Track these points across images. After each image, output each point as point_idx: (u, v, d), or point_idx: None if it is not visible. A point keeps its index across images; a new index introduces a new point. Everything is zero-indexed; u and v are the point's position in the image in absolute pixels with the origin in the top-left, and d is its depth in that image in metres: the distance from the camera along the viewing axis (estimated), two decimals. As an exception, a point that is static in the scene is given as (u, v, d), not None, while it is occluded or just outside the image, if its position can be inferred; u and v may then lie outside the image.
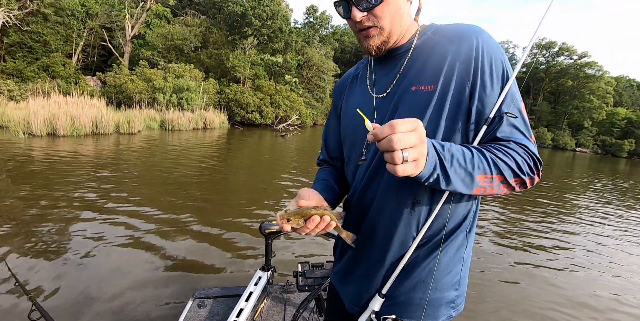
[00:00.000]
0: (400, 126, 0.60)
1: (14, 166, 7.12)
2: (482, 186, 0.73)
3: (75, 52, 22.62)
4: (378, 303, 0.89)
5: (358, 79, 1.01)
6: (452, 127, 0.80)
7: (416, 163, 0.63)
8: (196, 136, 15.16)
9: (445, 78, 0.79)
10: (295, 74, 28.14)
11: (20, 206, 5.00)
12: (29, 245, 3.84)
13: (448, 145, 0.71)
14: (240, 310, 1.92)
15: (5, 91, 15.86)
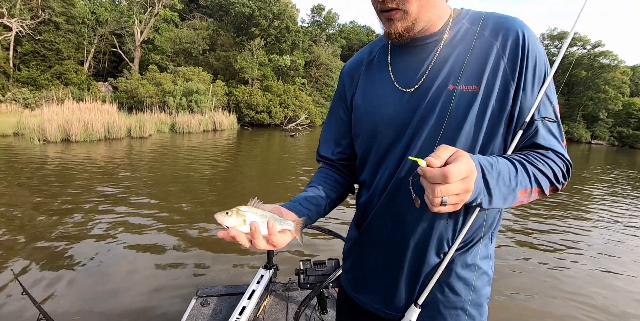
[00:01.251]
0: (453, 178, 0.55)
1: (30, 172, 7.27)
2: (520, 200, 0.70)
3: (87, 59, 23.08)
4: (415, 314, 0.83)
5: (374, 66, 0.88)
6: (494, 132, 0.74)
7: (454, 206, 0.60)
8: (206, 138, 15.30)
9: (489, 78, 0.72)
10: (303, 73, 28.17)
11: (34, 210, 5.10)
12: (38, 247, 3.91)
13: (495, 162, 0.66)
14: (243, 307, 1.91)
15: (21, 99, 16.28)
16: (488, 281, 0.88)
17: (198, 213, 5.31)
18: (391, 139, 0.81)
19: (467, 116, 0.72)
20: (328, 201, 0.92)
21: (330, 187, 0.95)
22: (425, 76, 0.77)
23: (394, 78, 0.82)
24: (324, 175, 0.99)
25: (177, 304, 2.89)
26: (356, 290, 0.97)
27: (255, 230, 0.63)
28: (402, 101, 0.79)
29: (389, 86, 0.82)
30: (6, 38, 18.75)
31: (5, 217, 4.81)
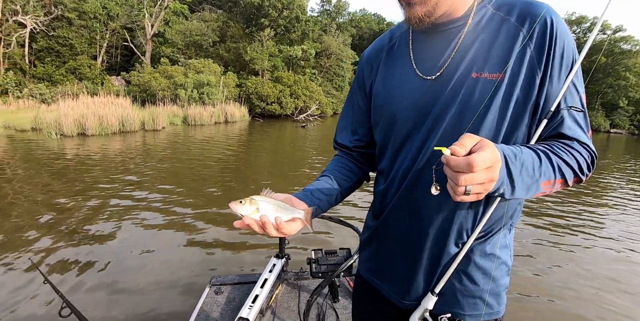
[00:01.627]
0: (478, 167, 0.54)
1: (49, 165, 7.47)
2: (543, 190, 0.68)
3: (100, 54, 23.36)
4: (432, 302, 0.84)
5: (394, 52, 0.86)
6: (518, 122, 0.72)
7: (477, 196, 0.59)
8: (218, 130, 15.41)
9: (514, 66, 0.69)
10: (313, 64, 27.95)
11: (55, 198, 5.24)
12: (58, 235, 4.02)
13: (519, 152, 0.64)
14: (256, 296, 1.94)
15: (37, 94, 16.63)
16: (507, 272, 0.87)
17: (211, 204, 5.38)
18: (410, 127, 0.79)
19: (491, 105, 0.70)
20: (340, 191, 0.93)
21: (343, 176, 0.96)
22: (448, 63, 0.75)
23: (415, 65, 0.80)
24: (338, 164, 1.00)
25: (191, 292, 2.96)
26: (375, 278, 0.97)
27: (266, 220, 0.67)
28: (423, 88, 0.77)
29: (409, 73, 0.81)
30: (21, 35, 19.08)
31: (27, 206, 4.96)
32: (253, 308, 1.86)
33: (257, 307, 1.88)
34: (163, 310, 2.74)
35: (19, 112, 13.89)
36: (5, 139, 10.42)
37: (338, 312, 2.03)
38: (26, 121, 12.31)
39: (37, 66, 19.50)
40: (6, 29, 18.31)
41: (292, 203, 0.75)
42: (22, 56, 19.23)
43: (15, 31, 18.72)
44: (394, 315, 0.96)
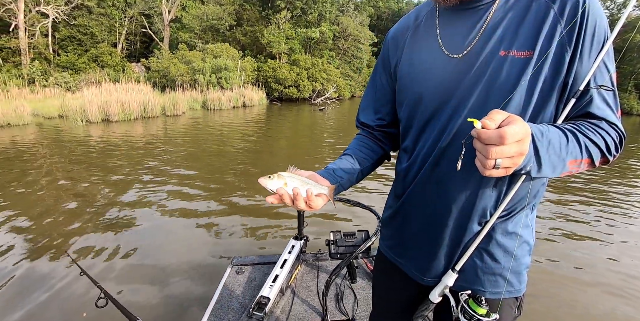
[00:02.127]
0: (510, 139, 0.54)
1: (77, 150, 7.72)
2: (569, 170, 0.67)
3: (120, 41, 23.65)
4: (452, 279, 0.85)
5: (420, 31, 0.85)
6: (546, 100, 0.70)
7: (506, 170, 0.59)
8: (237, 114, 15.49)
9: (544, 43, 0.67)
10: (331, 46, 27.43)
11: (81, 185, 5.43)
12: (85, 218, 4.17)
13: (546, 130, 0.63)
14: (276, 276, 1.99)
15: (62, 82, 17.08)
16: (529, 251, 0.87)
17: (231, 187, 5.45)
18: (436, 106, 0.79)
19: (518, 84, 0.68)
20: (361, 169, 0.95)
21: (364, 155, 0.98)
22: (476, 41, 0.73)
23: (442, 44, 0.79)
24: (360, 143, 1.01)
25: (213, 272, 3.03)
26: (397, 255, 0.99)
27: (298, 193, 0.71)
28: (449, 67, 0.76)
29: (436, 52, 0.79)
30: (44, 25, 19.45)
31: (56, 191, 5.17)
32: (273, 287, 1.91)
33: (277, 286, 1.92)
34: (187, 290, 2.82)
35: (46, 100, 14.33)
36: (35, 127, 10.82)
37: (356, 292, 2.06)
38: (53, 108, 12.71)
39: (61, 55, 19.95)
40: (30, 19, 18.71)
41: (315, 180, 0.77)
42: (46, 45, 19.69)
43: (38, 21, 19.11)
44: (414, 292, 0.97)
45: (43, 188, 5.21)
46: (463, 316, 0.82)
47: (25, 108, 11.42)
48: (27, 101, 12.83)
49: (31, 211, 4.39)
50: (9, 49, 18.31)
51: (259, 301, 1.83)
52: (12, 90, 15.08)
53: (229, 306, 1.91)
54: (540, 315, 2.66)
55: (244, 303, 1.94)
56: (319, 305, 1.96)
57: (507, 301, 0.86)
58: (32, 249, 3.49)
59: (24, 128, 10.49)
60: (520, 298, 0.88)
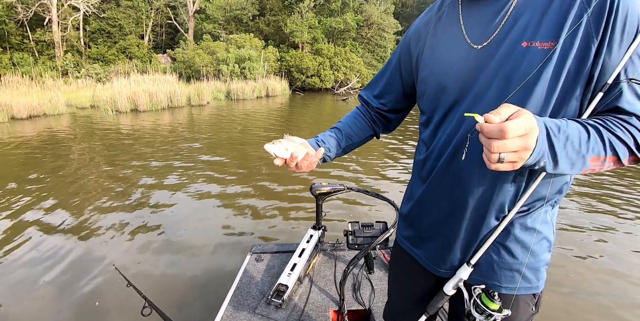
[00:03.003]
0: (511, 132, 0.53)
1: (108, 139, 8.00)
2: (592, 167, 0.64)
3: (146, 33, 24.15)
4: (467, 273, 0.84)
5: (443, 22, 0.84)
6: (569, 94, 0.67)
7: (512, 165, 0.58)
8: (260, 104, 15.58)
9: (568, 34, 0.64)
10: (354, 35, 26.99)
11: (112, 172, 5.63)
12: (116, 203, 4.33)
13: (564, 125, 0.61)
14: (294, 264, 2.03)
15: (93, 74, 17.68)
16: (548, 247, 0.85)
17: (253, 176, 5.52)
18: (456, 97, 0.78)
19: (540, 76, 0.66)
20: (345, 146, 1.03)
21: (353, 133, 1.04)
22: (498, 31, 0.71)
23: (466, 34, 0.77)
24: (353, 120, 1.07)
25: (233, 259, 3.11)
26: (413, 246, 0.99)
27: (297, 156, 0.84)
28: (470, 58, 0.75)
29: (459, 42, 0.78)
30: (76, 18, 20.10)
31: (88, 177, 5.39)
32: (292, 276, 1.95)
33: (295, 275, 1.96)
34: (208, 275, 2.90)
35: (78, 91, 14.89)
36: (69, 116, 11.28)
37: (373, 283, 2.07)
38: (85, 99, 13.20)
39: (92, 47, 20.61)
40: (62, 13, 19.35)
41: (307, 147, 0.88)
42: (78, 38, 20.36)
43: (70, 15, 19.76)
44: (429, 283, 0.98)
45: (78, 174, 5.45)
46: (475, 310, 0.82)
47: (59, 99, 11.91)
48: (61, 92, 13.38)
49: (70, 194, 4.61)
50: (43, 42, 19.07)
51: (278, 289, 1.87)
52: (47, 81, 15.74)
53: (248, 292, 1.95)
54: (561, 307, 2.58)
55: (263, 289, 1.98)
56: (336, 294, 1.98)
57: (523, 297, 0.85)
58: (74, 230, 3.67)
59: (59, 118, 10.96)
60: (538, 295, 0.86)
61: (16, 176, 5.37)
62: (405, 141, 8.18)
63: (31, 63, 17.56)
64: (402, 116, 1.10)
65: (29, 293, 2.69)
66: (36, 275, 2.92)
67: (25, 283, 2.82)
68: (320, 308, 1.86)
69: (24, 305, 2.57)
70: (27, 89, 13.67)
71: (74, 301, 2.61)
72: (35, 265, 3.06)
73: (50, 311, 2.49)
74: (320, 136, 1.01)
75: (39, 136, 8.18)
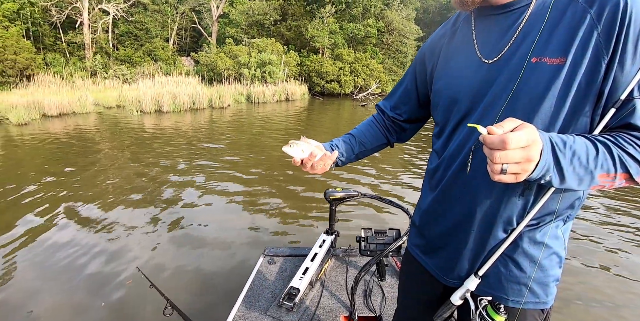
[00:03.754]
0: (512, 144, 0.55)
1: (132, 137, 8.24)
2: (601, 184, 0.64)
3: (171, 36, 24.80)
4: (474, 284, 0.85)
5: (457, 36, 0.86)
6: (578, 109, 0.67)
7: (516, 176, 0.59)
8: (280, 108, 15.75)
9: (578, 50, 0.64)
10: (374, 41, 27.03)
11: (135, 169, 5.80)
12: (137, 198, 4.45)
13: (571, 141, 0.61)
14: (306, 268, 2.03)
15: (120, 75, 18.25)
16: (558, 263, 0.84)
17: (269, 179, 5.58)
18: (466, 111, 0.79)
19: (548, 92, 0.66)
20: (362, 151, 1.09)
21: (366, 141, 1.09)
22: (509, 47, 0.72)
23: (478, 48, 0.79)
24: (368, 128, 1.11)
25: (246, 261, 3.15)
26: (423, 254, 1.01)
27: (314, 156, 0.91)
28: (481, 72, 0.76)
29: (471, 56, 0.80)
30: (105, 21, 20.84)
31: (118, 172, 5.56)
32: (303, 279, 1.95)
33: (307, 279, 1.96)
34: (221, 276, 2.95)
35: (105, 91, 15.39)
36: (96, 115, 11.67)
37: (384, 290, 2.05)
38: (112, 99, 13.64)
39: (119, 49, 21.29)
40: (93, 16, 20.10)
41: (321, 149, 0.95)
42: (107, 40, 21.08)
43: (100, 18, 20.50)
44: (438, 292, 0.98)
45: (104, 171, 5.63)
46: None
47: (88, 98, 12.35)
48: (89, 92, 13.86)
49: (95, 191, 4.77)
50: (74, 44, 19.83)
51: (289, 292, 1.88)
52: (77, 81, 16.34)
53: (260, 294, 1.97)
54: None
55: (275, 292, 1.99)
56: (347, 299, 1.97)
57: (531, 312, 0.84)
58: (97, 226, 3.81)
59: (87, 116, 11.35)
60: (546, 310, 0.85)
61: (47, 169, 5.61)
62: (426, 149, 8.13)
63: (62, 63, 18.28)
64: (417, 126, 1.13)
65: (57, 288, 2.79)
66: (61, 269, 3.04)
67: (49, 278, 2.94)
68: (331, 313, 1.86)
69: (49, 303, 2.66)
70: (58, 88, 14.23)
71: (97, 294, 2.71)
72: (59, 258, 3.19)
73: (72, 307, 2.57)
74: (335, 140, 1.06)
75: (69, 133, 8.50)
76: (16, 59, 14.96)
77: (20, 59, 15.11)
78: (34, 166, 5.91)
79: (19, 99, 10.69)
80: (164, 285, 2.60)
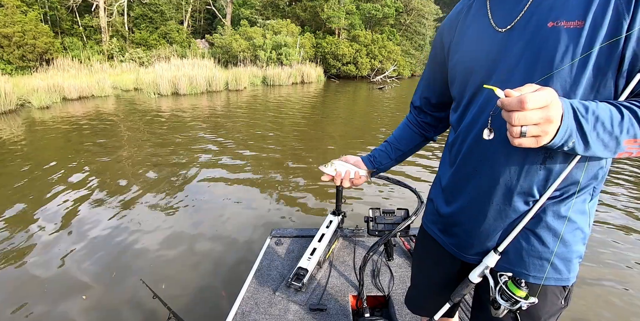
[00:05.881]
0: (530, 103, 0.53)
1: (152, 120, 8.28)
2: (627, 150, 0.62)
3: (186, 18, 24.58)
4: (493, 260, 0.83)
5: (472, 9, 0.83)
6: (601, 76, 0.64)
7: (536, 139, 0.57)
8: (295, 90, 15.59)
9: (596, 11, 0.61)
10: (392, 22, 26.22)
11: (152, 150, 5.82)
12: (150, 181, 4.46)
13: (594, 106, 0.59)
14: (314, 249, 2.04)
15: (136, 58, 18.29)
16: (582, 239, 0.81)
17: (282, 161, 5.53)
18: (482, 80, 0.77)
19: (567, 57, 0.63)
20: (396, 157, 1.14)
21: (402, 145, 1.13)
22: (523, 13, 0.70)
23: (492, 18, 0.77)
24: (400, 133, 1.15)
25: (253, 242, 3.14)
26: (440, 232, 0.98)
27: (343, 176, 1.08)
28: (495, 41, 0.74)
29: (485, 27, 0.78)
30: (121, 4, 20.74)
31: (136, 153, 5.59)
32: (311, 260, 1.96)
33: (315, 259, 1.97)
34: (229, 257, 2.94)
35: (123, 74, 15.47)
36: (114, 98, 11.77)
37: (392, 270, 2.05)
38: (129, 82, 13.71)
39: (135, 32, 21.25)
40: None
41: (358, 165, 1.11)
42: (122, 23, 21.03)
43: (115, 1, 20.40)
44: (454, 269, 0.97)
45: (123, 152, 5.68)
46: (500, 297, 0.79)
47: (106, 81, 12.44)
48: (107, 75, 13.95)
49: (111, 172, 4.81)
50: (91, 28, 19.88)
51: (297, 272, 1.89)
52: (95, 65, 16.46)
53: (268, 275, 1.98)
54: None
55: (283, 273, 1.99)
56: (355, 279, 1.97)
57: (552, 289, 0.81)
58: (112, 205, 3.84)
59: (106, 99, 11.46)
60: (568, 288, 0.83)
61: (66, 152, 5.68)
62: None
63: (80, 47, 18.39)
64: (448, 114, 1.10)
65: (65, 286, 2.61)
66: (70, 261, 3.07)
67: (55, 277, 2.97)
68: (339, 293, 1.86)
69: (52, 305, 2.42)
70: (76, 72, 14.35)
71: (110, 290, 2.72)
72: (64, 249, 3.22)
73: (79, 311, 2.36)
74: (374, 151, 1.15)
75: (88, 116, 8.59)
76: (35, 44, 15.10)
77: (40, 44, 15.24)
78: (64, 148, 6.00)
79: (39, 83, 10.82)
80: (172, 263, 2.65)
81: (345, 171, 1.07)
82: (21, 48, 14.85)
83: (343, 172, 1.07)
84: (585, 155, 0.63)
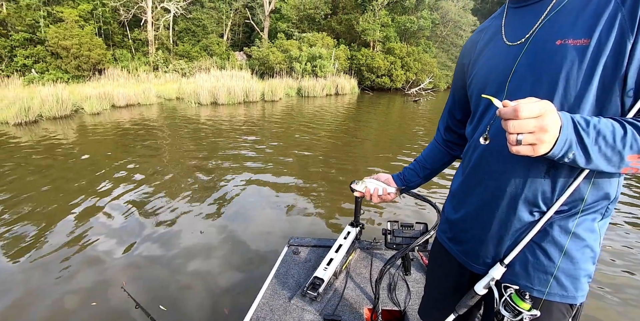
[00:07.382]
0: (523, 112, 0.56)
1: (191, 127, 8.61)
2: (633, 166, 0.63)
3: (225, 32, 25.65)
4: (499, 272, 0.83)
5: (491, 30, 0.89)
6: (606, 93, 0.66)
7: (533, 147, 0.59)
8: (329, 102, 15.70)
9: (603, 31, 0.63)
10: (428, 33, 26.06)
11: (191, 155, 6.03)
12: (189, 171, 4.59)
13: (595, 120, 0.61)
14: (331, 259, 2.04)
15: (179, 69, 19.21)
16: (592, 258, 0.80)
17: (311, 171, 5.56)
18: (493, 94, 0.80)
19: (572, 73, 0.66)
20: (427, 173, 1.20)
21: (429, 163, 1.20)
22: (533, 31, 0.74)
23: (505, 35, 0.82)
24: (428, 153, 1.21)
25: (271, 250, 3.16)
26: (449, 240, 1.01)
27: (373, 194, 1.18)
28: (506, 55, 0.78)
29: (499, 43, 0.83)
30: (167, 19, 22.00)
31: (177, 158, 5.81)
32: (328, 270, 1.96)
33: (331, 269, 1.97)
34: (246, 264, 2.97)
35: (166, 84, 16.27)
36: (158, 106, 12.37)
37: (409, 285, 2.01)
38: (172, 91, 14.38)
39: (179, 45, 22.40)
40: (156, 14, 21.31)
41: (388, 183, 1.19)
42: (167, 37, 22.27)
43: (162, 16, 21.68)
44: (464, 279, 0.98)
45: (164, 158, 5.92)
46: (504, 308, 0.81)
47: (151, 90, 13.12)
48: (152, 85, 14.71)
49: (154, 175, 5.03)
50: (139, 41, 21.16)
51: (313, 282, 1.89)
52: (141, 75, 17.44)
53: (284, 282, 1.98)
54: None
55: (299, 281, 2.00)
56: (371, 292, 1.95)
57: (558, 305, 0.81)
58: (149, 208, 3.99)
59: (150, 107, 12.07)
60: (576, 307, 0.82)
61: (117, 156, 6.01)
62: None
63: (129, 58, 19.58)
64: None
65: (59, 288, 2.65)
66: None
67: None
68: (354, 305, 1.85)
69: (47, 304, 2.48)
70: (125, 82, 15.26)
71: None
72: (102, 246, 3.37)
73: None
74: (404, 170, 1.23)
75: (135, 122, 9.08)
76: (90, 55, 16.23)
77: (94, 55, 16.37)
78: (113, 151, 6.37)
79: (91, 91, 11.58)
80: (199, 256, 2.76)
81: (374, 188, 1.16)
82: (77, 59, 16.00)
83: (372, 189, 1.17)
84: (588, 168, 0.64)
